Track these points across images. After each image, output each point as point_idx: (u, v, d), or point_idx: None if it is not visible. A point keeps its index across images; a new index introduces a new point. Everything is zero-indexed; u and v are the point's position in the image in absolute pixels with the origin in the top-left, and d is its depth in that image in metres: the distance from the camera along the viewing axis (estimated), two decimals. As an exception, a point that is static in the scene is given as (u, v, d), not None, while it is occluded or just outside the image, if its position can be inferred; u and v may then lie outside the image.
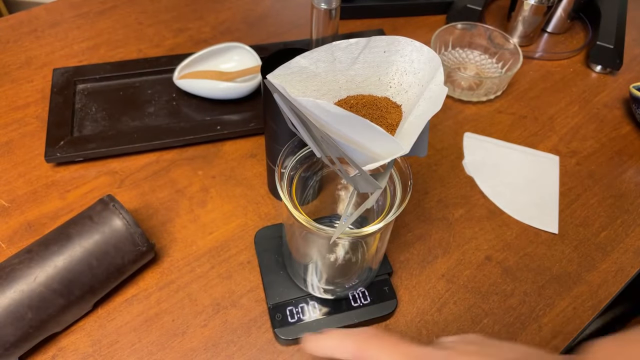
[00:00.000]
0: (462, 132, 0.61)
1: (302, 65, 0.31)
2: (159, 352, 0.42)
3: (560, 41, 0.74)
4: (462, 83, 0.65)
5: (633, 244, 0.52)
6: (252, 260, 0.48)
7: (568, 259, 0.50)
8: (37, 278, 0.39)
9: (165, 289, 0.46)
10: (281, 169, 0.36)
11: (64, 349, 0.42)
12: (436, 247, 0.50)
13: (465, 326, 0.45)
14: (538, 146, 0.60)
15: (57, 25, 0.71)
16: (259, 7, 0.76)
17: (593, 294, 0.48)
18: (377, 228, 0.33)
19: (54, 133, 0.55)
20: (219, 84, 0.57)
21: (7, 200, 0.52)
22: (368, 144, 0.27)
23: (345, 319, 0.43)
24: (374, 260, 0.43)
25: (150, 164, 0.55)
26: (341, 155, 0.29)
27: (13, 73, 0.64)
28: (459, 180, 0.56)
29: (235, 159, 0.56)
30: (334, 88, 0.32)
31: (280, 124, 0.42)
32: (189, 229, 0.50)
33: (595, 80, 0.69)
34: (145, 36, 0.70)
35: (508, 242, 0.51)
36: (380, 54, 0.32)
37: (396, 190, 0.36)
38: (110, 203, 0.43)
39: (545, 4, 0.67)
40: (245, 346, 0.43)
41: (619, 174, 0.58)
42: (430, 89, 0.30)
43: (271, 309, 0.44)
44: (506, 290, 0.48)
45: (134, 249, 0.43)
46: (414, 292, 0.47)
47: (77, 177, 0.54)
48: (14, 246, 0.48)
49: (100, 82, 0.62)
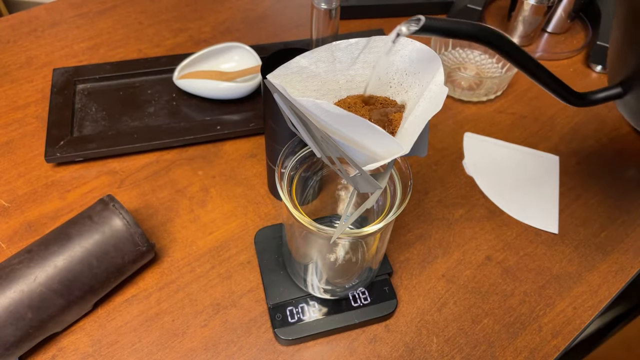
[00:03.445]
0: (462, 132, 0.61)
1: (302, 65, 0.31)
2: (159, 352, 0.42)
3: (561, 41, 0.74)
4: (462, 83, 0.65)
5: (633, 244, 0.52)
6: (252, 260, 0.48)
7: (568, 259, 0.50)
8: (37, 278, 0.39)
9: (165, 289, 0.46)
10: (281, 169, 0.36)
11: (64, 349, 0.42)
12: (436, 247, 0.50)
13: (465, 326, 0.45)
14: (538, 146, 0.60)
15: (57, 25, 0.71)
16: (259, 7, 0.76)
17: (593, 294, 0.48)
18: (377, 228, 0.33)
19: (54, 133, 0.55)
20: (219, 84, 0.57)
21: (7, 200, 0.52)
22: (368, 144, 0.27)
23: (345, 319, 0.43)
24: (374, 260, 0.43)
25: (150, 164, 0.55)
26: (341, 156, 0.29)
27: (13, 73, 0.64)
28: (459, 180, 0.56)
29: (235, 159, 0.56)
30: (334, 88, 0.32)
31: (280, 124, 0.42)
32: (189, 229, 0.50)
33: (596, 80, 0.69)
34: (145, 36, 0.70)
35: (508, 242, 0.51)
36: (380, 54, 0.32)
37: (396, 190, 0.36)
38: (110, 203, 0.43)
39: (545, 4, 0.67)
40: (245, 346, 0.43)
41: (619, 174, 0.58)
42: (430, 89, 0.30)
43: (271, 309, 0.44)
44: (506, 290, 0.48)
45: (134, 249, 0.43)
46: (414, 292, 0.47)
47: (77, 177, 0.54)
48: (14, 246, 0.48)
49: (100, 82, 0.62)
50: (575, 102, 0.37)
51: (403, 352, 0.43)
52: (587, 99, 0.38)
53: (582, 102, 0.37)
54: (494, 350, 0.44)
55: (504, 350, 0.44)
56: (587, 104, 0.38)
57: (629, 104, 0.39)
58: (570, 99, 0.36)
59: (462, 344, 0.44)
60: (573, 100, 0.36)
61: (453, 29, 0.26)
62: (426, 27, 0.24)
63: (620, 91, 0.38)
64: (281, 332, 0.42)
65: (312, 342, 0.43)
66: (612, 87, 0.39)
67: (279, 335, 0.42)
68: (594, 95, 0.38)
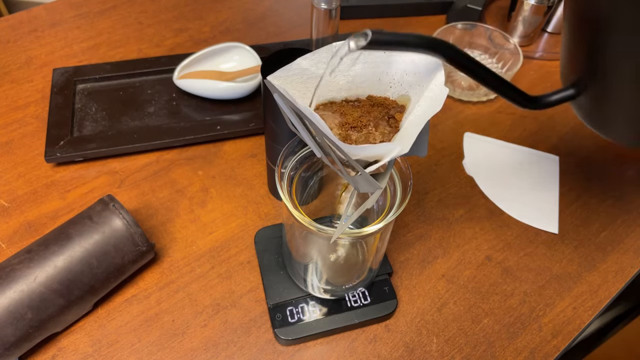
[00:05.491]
0: (462, 132, 0.61)
1: (303, 67, 0.31)
2: (159, 352, 0.42)
3: (560, 41, 0.74)
4: (462, 83, 0.65)
5: (633, 244, 0.52)
6: (252, 260, 0.48)
7: (568, 259, 0.50)
8: (37, 278, 0.39)
9: (165, 289, 0.46)
10: (281, 169, 0.36)
11: (64, 349, 0.42)
12: (436, 247, 0.50)
13: (465, 326, 0.45)
14: (538, 146, 0.60)
15: (57, 25, 0.71)
16: (259, 7, 0.76)
17: (593, 294, 0.48)
18: (377, 228, 0.33)
19: (54, 133, 0.55)
20: (219, 84, 0.57)
21: (7, 200, 0.52)
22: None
23: (345, 319, 0.43)
24: (374, 260, 0.43)
25: (150, 164, 0.55)
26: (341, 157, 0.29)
27: (13, 73, 0.64)
28: (459, 180, 0.56)
29: (235, 159, 0.56)
30: (334, 89, 0.32)
31: (280, 124, 0.42)
32: (189, 229, 0.50)
33: (595, 80, 0.69)
34: (145, 36, 0.70)
35: (508, 242, 0.51)
36: (381, 54, 0.32)
37: (396, 190, 0.36)
38: (110, 203, 0.43)
39: (546, 4, 0.67)
40: (245, 346, 0.43)
41: (619, 174, 0.58)
42: (430, 89, 0.30)
43: (271, 309, 0.44)
44: (506, 290, 0.48)
45: (134, 249, 0.43)
46: (414, 292, 0.47)
47: (77, 177, 0.54)
48: (14, 246, 0.48)
49: (100, 82, 0.62)
50: (529, 106, 0.37)
51: (403, 352, 0.43)
52: (540, 102, 0.38)
53: (535, 105, 0.37)
54: (494, 350, 0.44)
55: (504, 350, 0.44)
56: (541, 107, 0.38)
57: (582, 105, 0.39)
58: (525, 103, 0.36)
59: (462, 344, 0.44)
60: (527, 104, 0.36)
61: (401, 41, 0.26)
62: (374, 41, 0.24)
63: (573, 92, 0.38)
64: (281, 332, 0.42)
65: (312, 342, 0.43)
66: (565, 88, 0.39)
67: (279, 335, 0.42)
68: (548, 97, 0.38)
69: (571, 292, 0.48)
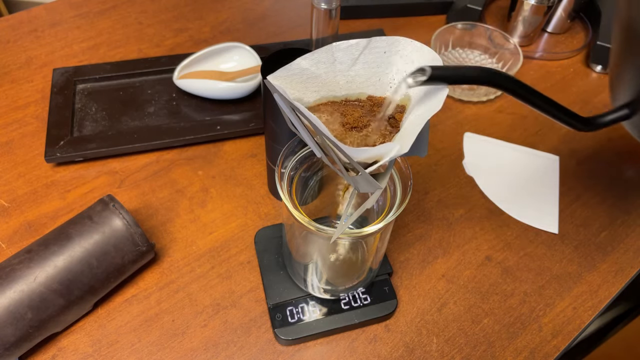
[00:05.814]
0: (462, 132, 0.61)
1: (303, 67, 0.31)
2: (159, 352, 0.42)
3: (561, 41, 0.74)
4: (462, 83, 0.65)
5: (633, 244, 0.52)
6: (252, 260, 0.48)
7: (568, 259, 0.50)
8: (37, 278, 0.39)
9: (165, 289, 0.46)
10: (281, 169, 0.36)
11: (64, 349, 0.42)
12: (436, 247, 0.50)
13: (465, 326, 0.45)
14: (538, 146, 0.60)
15: (57, 25, 0.71)
16: (259, 7, 0.76)
17: (593, 294, 0.48)
18: (377, 228, 0.33)
19: (54, 133, 0.55)
20: (219, 84, 0.57)
21: (7, 200, 0.52)
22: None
23: (345, 319, 0.43)
24: (374, 260, 0.43)
25: (150, 164, 0.55)
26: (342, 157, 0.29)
27: (13, 73, 0.64)
28: (459, 180, 0.56)
29: (235, 159, 0.57)
30: (334, 89, 0.32)
31: (280, 124, 0.42)
32: (189, 229, 0.50)
33: (596, 80, 0.69)
34: (145, 36, 0.70)
35: (508, 242, 0.51)
36: (381, 55, 0.32)
37: (396, 190, 0.36)
38: (110, 203, 0.43)
39: (545, 4, 0.67)
40: (245, 346, 0.43)
41: (619, 174, 0.58)
42: (430, 88, 0.30)
43: (271, 309, 0.44)
44: (506, 290, 0.48)
45: (134, 249, 0.43)
46: (414, 292, 0.47)
47: (77, 177, 0.54)
48: (14, 246, 0.48)
49: (100, 82, 0.62)
50: (584, 129, 0.36)
51: (403, 352, 0.43)
52: (594, 123, 0.37)
53: (590, 127, 0.37)
54: (494, 350, 0.44)
55: (504, 350, 0.44)
56: (595, 128, 0.37)
57: (638, 125, 0.38)
58: (580, 126, 0.35)
59: (462, 344, 0.44)
60: (582, 127, 0.36)
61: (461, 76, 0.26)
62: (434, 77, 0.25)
63: (628, 112, 0.38)
64: (281, 332, 0.42)
65: (312, 342, 0.43)
66: (618, 108, 0.38)
67: (279, 335, 0.42)
68: (602, 118, 0.37)
69: (571, 292, 0.48)
